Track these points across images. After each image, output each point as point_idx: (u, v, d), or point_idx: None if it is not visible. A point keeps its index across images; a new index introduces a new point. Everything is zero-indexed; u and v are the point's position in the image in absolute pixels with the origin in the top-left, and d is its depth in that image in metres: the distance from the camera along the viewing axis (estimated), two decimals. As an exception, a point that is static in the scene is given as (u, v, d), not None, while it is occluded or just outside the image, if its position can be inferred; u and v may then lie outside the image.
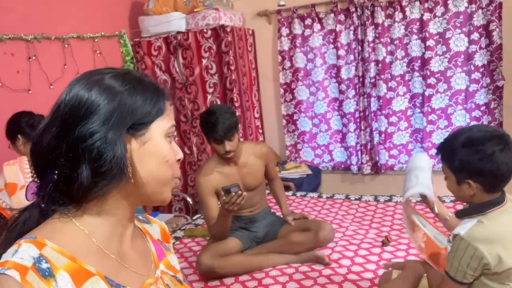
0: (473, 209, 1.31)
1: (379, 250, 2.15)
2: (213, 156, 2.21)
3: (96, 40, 3.48)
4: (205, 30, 3.46)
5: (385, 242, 2.19)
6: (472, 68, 3.22)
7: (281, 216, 2.40)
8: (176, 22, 3.58)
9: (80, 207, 0.66)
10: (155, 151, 0.69)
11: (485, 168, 1.22)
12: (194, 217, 3.01)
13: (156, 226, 0.87)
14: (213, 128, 1.98)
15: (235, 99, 3.51)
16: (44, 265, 0.59)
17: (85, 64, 3.39)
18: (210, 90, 3.57)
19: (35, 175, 0.69)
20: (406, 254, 2.06)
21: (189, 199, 3.66)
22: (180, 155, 0.74)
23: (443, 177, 1.38)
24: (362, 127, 3.66)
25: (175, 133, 0.75)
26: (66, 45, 3.24)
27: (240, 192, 1.83)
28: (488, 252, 1.19)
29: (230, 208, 1.87)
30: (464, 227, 1.26)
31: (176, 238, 2.59)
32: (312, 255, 2.10)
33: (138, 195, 0.70)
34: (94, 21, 3.48)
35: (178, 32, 3.59)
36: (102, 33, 3.51)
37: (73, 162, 0.63)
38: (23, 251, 0.59)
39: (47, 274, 0.58)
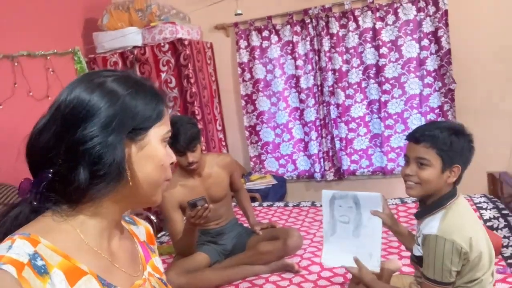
0: (433, 205, 1.35)
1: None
2: (176, 169, 2.16)
3: (48, 57, 3.36)
4: (162, 44, 3.42)
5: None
6: (425, 73, 3.36)
7: (249, 226, 2.37)
8: (132, 36, 3.52)
9: (75, 207, 0.67)
10: (152, 155, 0.70)
11: (470, 157, 1.33)
12: (159, 235, 2.92)
13: (142, 228, 0.87)
14: (174, 139, 1.93)
15: (197, 112, 3.47)
16: (40, 262, 0.59)
17: (37, 83, 3.26)
18: (171, 104, 3.51)
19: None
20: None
21: (153, 217, 3.56)
22: (174, 159, 0.76)
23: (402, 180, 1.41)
24: (324, 135, 3.72)
25: None
26: (16, 63, 3.10)
27: (206, 205, 1.79)
28: (463, 240, 1.23)
29: (196, 222, 1.82)
30: (432, 226, 1.29)
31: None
32: (282, 264, 2.08)
33: (132, 198, 0.71)
34: (46, 38, 3.36)
35: (135, 47, 3.53)
36: (55, 51, 3.39)
37: (71, 163, 0.64)
38: (18, 247, 0.59)
39: (43, 271, 0.59)
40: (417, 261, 1.38)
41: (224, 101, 4.00)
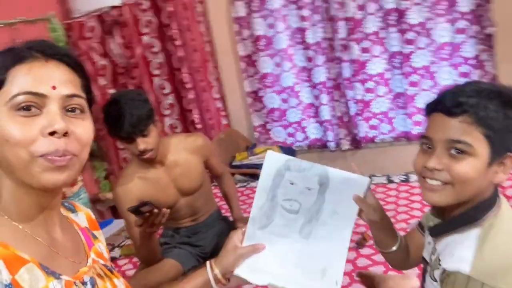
0: (462, 218, 0.85)
1: (353, 254, 1.70)
2: (132, 159, 1.73)
3: (15, 26, 2.95)
4: (141, 1, 2.94)
5: (361, 243, 1.75)
6: (457, 16, 2.73)
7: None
8: (109, -5, 3.05)
9: None
10: None
11: None
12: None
13: (82, 214, 0.83)
14: (117, 122, 1.48)
15: (185, 80, 3.01)
16: None
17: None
18: (156, 72, 3.07)
19: None
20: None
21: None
22: (51, 128, 0.61)
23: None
24: (336, 98, 3.19)
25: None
26: (-26, 36, 2.72)
27: (156, 210, 1.36)
28: None
29: (148, 231, 1.41)
30: (463, 257, 0.79)
31: (112, 259, 2.14)
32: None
33: (20, 181, 0.63)
34: (11, 4, 2.94)
35: (113, 8, 3.06)
36: (24, 18, 2.98)
37: None
38: None
39: None
40: None
41: (221, 64, 3.51)
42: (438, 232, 0.91)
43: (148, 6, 2.94)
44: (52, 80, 0.63)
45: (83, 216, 0.83)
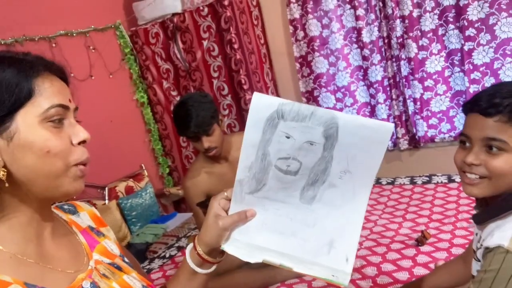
0: (502, 205, 0.90)
1: (413, 251, 1.72)
2: (199, 154, 1.86)
3: (88, 35, 3.22)
4: (201, 8, 3.09)
5: (420, 240, 1.75)
6: (522, 10, 2.63)
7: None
8: (171, 2, 3.24)
9: None
10: (28, 144, 0.60)
11: None
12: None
13: (84, 214, 0.82)
14: (184, 122, 1.62)
15: (243, 82, 3.13)
16: None
17: (79, 63, 3.14)
18: (215, 75, 3.21)
19: None
20: (448, 256, 1.63)
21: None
22: (81, 137, 0.65)
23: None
24: (394, 96, 3.17)
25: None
26: (54, 45, 3.00)
27: None
28: None
29: None
30: (502, 236, 0.86)
31: (178, 249, 2.28)
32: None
33: (33, 194, 0.63)
34: (83, 15, 3.21)
35: (174, 14, 3.25)
36: (93, 27, 3.24)
37: None
38: None
39: None
40: None
41: (276, 65, 3.60)
42: (480, 219, 0.97)
43: (207, 12, 3.08)
44: (67, 94, 0.66)
45: (85, 216, 0.82)
